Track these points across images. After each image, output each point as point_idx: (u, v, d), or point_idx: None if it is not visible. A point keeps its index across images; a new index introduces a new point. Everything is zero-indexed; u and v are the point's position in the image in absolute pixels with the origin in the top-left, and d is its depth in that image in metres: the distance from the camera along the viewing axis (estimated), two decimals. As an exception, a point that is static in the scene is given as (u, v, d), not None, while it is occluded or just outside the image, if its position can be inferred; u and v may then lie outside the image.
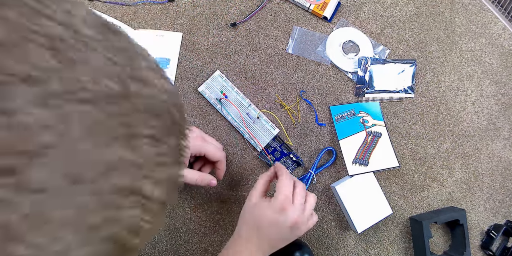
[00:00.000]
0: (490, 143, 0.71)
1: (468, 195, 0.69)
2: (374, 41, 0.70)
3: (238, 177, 0.66)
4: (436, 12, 0.72)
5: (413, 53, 0.71)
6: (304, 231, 0.51)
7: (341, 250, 0.66)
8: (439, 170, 0.69)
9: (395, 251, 0.67)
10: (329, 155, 0.67)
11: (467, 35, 0.72)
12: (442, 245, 0.68)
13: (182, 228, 0.65)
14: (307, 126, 0.67)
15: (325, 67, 0.69)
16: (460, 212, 0.66)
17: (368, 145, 0.66)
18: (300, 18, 0.69)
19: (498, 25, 0.73)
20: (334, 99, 0.68)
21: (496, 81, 0.72)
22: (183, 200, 0.65)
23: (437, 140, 0.70)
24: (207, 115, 0.66)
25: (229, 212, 0.65)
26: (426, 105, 0.70)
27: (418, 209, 0.68)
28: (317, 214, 0.66)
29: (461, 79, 0.71)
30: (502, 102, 0.72)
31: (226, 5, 0.69)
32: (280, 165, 0.56)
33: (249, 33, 0.69)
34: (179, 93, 0.25)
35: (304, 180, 0.65)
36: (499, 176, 0.70)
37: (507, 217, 0.70)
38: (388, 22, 0.71)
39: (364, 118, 0.67)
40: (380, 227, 0.67)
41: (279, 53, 0.69)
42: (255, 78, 0.68)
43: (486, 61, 0.72)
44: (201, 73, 0.67)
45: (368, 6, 0.71)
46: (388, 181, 0.68)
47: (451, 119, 0.70)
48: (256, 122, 0.65)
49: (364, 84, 0.68)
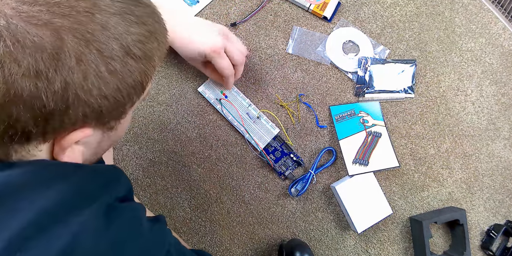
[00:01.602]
0: (490, 143, 0.71)
1: (468, 195, 0.69)
2: (374, 41, 0.70)
3: (238, 177, 0.66)
4: (436, 12, 0.72)
5: (413, 53, 0.71)
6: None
7: (341, 250, 0.66)
8: (439, 170, 0.69)
9: (395, 251, 0.67)
10: (329, 155, 0.67)
11: (467, 35, 0.72)
12: (442, 245, 0.68)
13: (182, 228, 0.65)
14: (307, 126, 0.67)
15: (325, 67, 0.69)
16: (460, 212, 0.66)
17: (368, 145, 0.66)
18: (300, 18, 0.69)
19: (498, 25, 0.73)
20: (334, 99, 0.68)
21: (496, 81, 0.72)
22: (183, 200, 0.65)
23: (437, 140, 0.70)
24: (207, 115, 0.66)
25: (229, 212, 0.65)
26: (426, 105, 0.70)
27: (418, 209, 0.68)
28: (317, 214, 0.66)
29: (461, 79, 0.71)
30: (502, 102, 0.72)
31: (226, 5, 0.69)
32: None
33: (249, 33, 0.69)
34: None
35: (304, 180, 0.65)
36: (499, 176, 0.70)
37: (507, 217, 0.70)
38: (388, 22, 0.71)
39: (364, 118, 0.67)
40: (380, 227, 0.67)
41: (279, 53, 0.69)
42: (255, 78, 0.68)
43: (486, 61, 0.72)
44: (201, 73, 0.67)
45: (368, 6, 0.71)
46: (388, 181, 0.68)
47: (451, 119, 0.70)
48: (256, 122, 0.65)
49: (364, 84, 0.68)
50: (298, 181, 0.65)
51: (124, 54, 0.28)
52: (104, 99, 0.28)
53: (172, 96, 0.67)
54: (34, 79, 0.24)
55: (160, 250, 0.34)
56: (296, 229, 0.66)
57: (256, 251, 0.65)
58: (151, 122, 0.66)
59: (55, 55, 0.25)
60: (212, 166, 0.66)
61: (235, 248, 0.65)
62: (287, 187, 0.66)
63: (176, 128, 0.66)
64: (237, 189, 0.66)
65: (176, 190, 0.65)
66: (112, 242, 0.29)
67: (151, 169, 0.65)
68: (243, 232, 0.65)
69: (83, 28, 0.26)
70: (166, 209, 0.65)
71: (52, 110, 0.26)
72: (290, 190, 0.65)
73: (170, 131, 0.66)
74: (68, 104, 0.26)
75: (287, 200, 0.66)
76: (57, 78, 0.25)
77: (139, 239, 0.32)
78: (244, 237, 0.65)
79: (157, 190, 0.65)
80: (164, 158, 0.65)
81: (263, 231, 0.65)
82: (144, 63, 0.30)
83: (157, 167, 0.65)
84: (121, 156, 0.65)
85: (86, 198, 0.29)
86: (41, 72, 0.24)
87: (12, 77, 0.24)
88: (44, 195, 0.27)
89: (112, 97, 0.29)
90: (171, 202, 0.65)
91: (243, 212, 0.65)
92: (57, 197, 0.28)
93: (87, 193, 0.30)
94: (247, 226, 0.65)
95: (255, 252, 0.65)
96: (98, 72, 0.27)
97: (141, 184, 0.65)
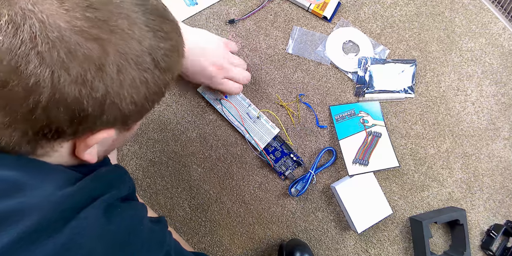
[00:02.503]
0: (490, 143, 0.71)
1: (468, 195, 0.69)
2: (374, 41, 0.70)
3: (238, 177, 0.66)
4: (436, 12, 0.72)
5: (413, 53, 0.71)
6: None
7: (341, 250, 0.66)
8: (439, 170, 0.69)
9: (395, 251, 0.67)
10: (329, 155, 0.67)
11: (467, 35, 0.72)
12: (442, 245, 0.68)
13: (182, 228, 0.65)
14: (307, 126, 0.67)
15: (325, 67, 0.69)
16: (460, 212, 0.66)
17: (368, 145, 0.66)
18: (300, 18, 0.69)
19: (498, 25, 0.73)
20: (334, 99, 0.68)
21: (496, 81, 0.72)
22: (183, 200, 0.65)
23: (437, 140, 0.70)
24: (207, 115, 0.66)
25: (229, 213, 0.65)
26: (426, 105, 0.70)
27: (418, 209, 0.68)
28: (317, 214, 0.66)
29: (461, 79, 0.71)
30: (502, 102, 0.72)
31: (226, 5, 0.69)
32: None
33: (249, 33, 0.69)
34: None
35: (304, 180, 0.65)
36: (499, 176, 0.70)
37: (507, 217, 0.70)
38: (388, 22, 0.71)
39: (364, 118, 0.67)
40: (380, 227, 0.67)
41: (279, 53, 0.69)
42: (255, 78, 0.68)
43: (486, 61, 0.72)
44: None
45: (368, 6, 0.71)
46: (388, 181, 0.68)
47: (451, 119, 0.70)
48: (256, 122, 0.65)
49: (364, 84, 0.68)
50: (298, 181, 0.65)
51: (154, 66, 0.32)
52: (133, 105, 0.32)
53: (172, 96, 0.66)
54: (80, 86, 0.27)
55: (159, 250, 0.35)
56: (296, 229, 0.66)
57: (256, 251, 0.65)
58: (151, 122, 0.66)
59: (100, 66, 0.28)
60: (212, 166, 0.66)
61: (235, 248, 0.65)
62: (287, 187, 0.66)
63: (176, 128, 0.66)
64: (237, 189, 0.66)
65: (176, 190, 0.65)
66: (111, 240, 0.30)
67: (151, 169, 0.65)
68: (243, 232, 0.65)
69: (124, 43, 0.29)
70: (166, 209, 0.65)
71: (88, 114, 0.29)
72: (290, 190, 0.65)
73: (170, 131, 0.66)
74: (104, 109, 0.30)
75: (287, 200, 0.66)
76: (100, 86, 0.28)
77: (138, 237, 0.32)
78: (244, 237, 0.65)
79: (157, 190, 0.65)
80: (164, 158, 0.65)
81: (263, 231, 0.65)
82: (167, 74, 0.34)
83: (157, 167, 0.65)
84: (121, 156, 0.65)
85: (88, 197, 0.30)
86: (87, 80, 0.27)
87: (60, 83, 0.27)
88: (47, 193, 0.29)
89: (140, 103, 0.32)
90: (171, 202, 0.65)
91: (243, 212, 0.65)
92: (59, 195, 0.29)
93: (89, 192, 0.31)
94: (247, 226, 0.65)
95: (255, 252, 0.65)
96: (133, 82, 0.30)
97: (141, 184, 0.65)
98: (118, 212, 0.32)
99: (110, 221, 0.30)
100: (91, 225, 0.29)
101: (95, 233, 0.29)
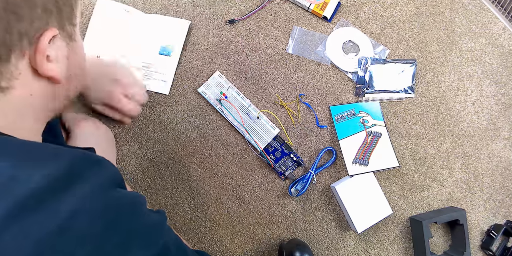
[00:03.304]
0: (490, 143, 0.71)
1: (468, 195, 0.69)
2: (374, 41, 0.70)
3: (238, 177, 0.66)
4: (436, 12, 0.72)
5: (413, 53, 0.71)
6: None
7: (341, 250, 0.66)
8: (439, 170, 0.69)
9: (395, 251, 0.67)
10: (329, 155, 0.67)
11: (467, 35, 0.72)
12: (442, 245, 0.68)
13: (182, 228, 0.65)
14: (307, 126, 0.67)
15: (325, 67, 0.69)
16: (460, 212, 0.66)
17: (368, 145, 0.66)
18: (300, 18, 0.69)
19: (498, 25, 0.73)
20: (334, 99, 0.68)
21: (496, 81, 0.72)
22: (183, 200, 0.65)
23: (437, 140, 0.70)
24: (207, 115, 0.66)
25: (229, 212, 0.65)
26: (426, 105, 0.70)
27: (418, 209, 0.68)
28: (317, 214, 0.66)
29: (461, 79, 0.71)
30: (502, 102, 0.72)
31: (226, 5, 0.69)
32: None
33: (249, 33, 0.69)
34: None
35: (304, 180, 0.65)
36: (499, 176, 0.70)
37: (507, 217, 0.70)
38: (388, 22, 0.71)
39: (364, 118, 0.67)
40: (380, 227, 0.67)
41: (279, 53, 0.69)
42: (255, 78, 0.68)
43: (486, 61, 0.72)
44: (201, 74, 0.67)
45: (368, 6, 0.71)
46: (388, 181, 0.68)
47: (451, 119, 0.70)
48: (256, 122, 0.65)
49: (364, 84, 0.68)
50: (298, 181, 0.65)
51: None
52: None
53: (172, 96, 0.67)
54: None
55: (157, 239, 0.34)
56: (296, 229, 0.66)
57: (256, 251, 0.65)
58: (151, 122, 0.66)
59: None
60: (212, 166, 0.66)
61: (235, 248, 0.65)
62: (287, 187, 0.66)
63: (176, 128, 0.66)
64: (237, 189, 0.66)
65: (176, 190, 0.65)
66: (108, 223, 0.29)
67: (151, 169, 0.65)
68: (243, 232, 0.65)
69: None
70: (166, 209, 0.65)
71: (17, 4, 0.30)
72: (290, 190, 0.65)
73: (170, 131, 0.66)
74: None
75: (287, 200, 0.66)
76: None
77: (136, 223, 0.32)
78: (244, 237, 0.65)
79: (157, 190, 0.65)
80: (164, 158, 0.65)
81: (263, 231, 0.65)
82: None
83: (157, 167, 0.65)
84: (121, 156, 0.65)
85: (79, 178, 0.30)
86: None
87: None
88: (46, 168, 0.28)
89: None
90: (171, 202, 0.65)
91: (243, 212, 0.65)
92: (55, 173, 0.28)
93: (78, 173, 0.30)
94: (247, 226, 0.65)
95: (255, 252, 0.65)
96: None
97: (141, 184, 0.65)
98: (118, 197, 0.31)
99: (109, 204, 0.30)
100: (88, 207, 0.28)
101: (93, 214, 0.28)
